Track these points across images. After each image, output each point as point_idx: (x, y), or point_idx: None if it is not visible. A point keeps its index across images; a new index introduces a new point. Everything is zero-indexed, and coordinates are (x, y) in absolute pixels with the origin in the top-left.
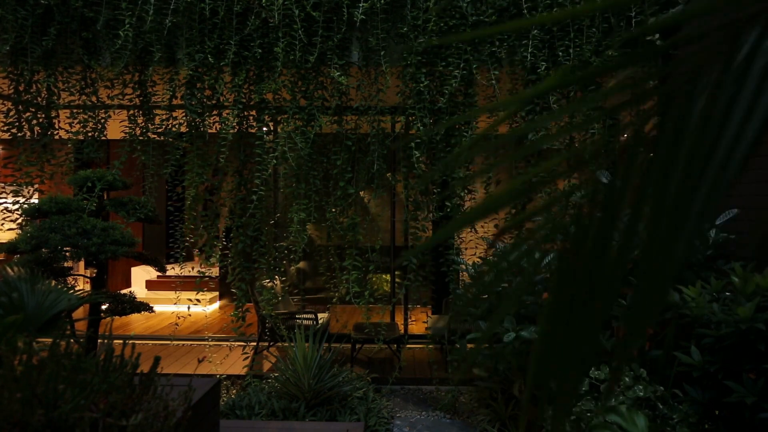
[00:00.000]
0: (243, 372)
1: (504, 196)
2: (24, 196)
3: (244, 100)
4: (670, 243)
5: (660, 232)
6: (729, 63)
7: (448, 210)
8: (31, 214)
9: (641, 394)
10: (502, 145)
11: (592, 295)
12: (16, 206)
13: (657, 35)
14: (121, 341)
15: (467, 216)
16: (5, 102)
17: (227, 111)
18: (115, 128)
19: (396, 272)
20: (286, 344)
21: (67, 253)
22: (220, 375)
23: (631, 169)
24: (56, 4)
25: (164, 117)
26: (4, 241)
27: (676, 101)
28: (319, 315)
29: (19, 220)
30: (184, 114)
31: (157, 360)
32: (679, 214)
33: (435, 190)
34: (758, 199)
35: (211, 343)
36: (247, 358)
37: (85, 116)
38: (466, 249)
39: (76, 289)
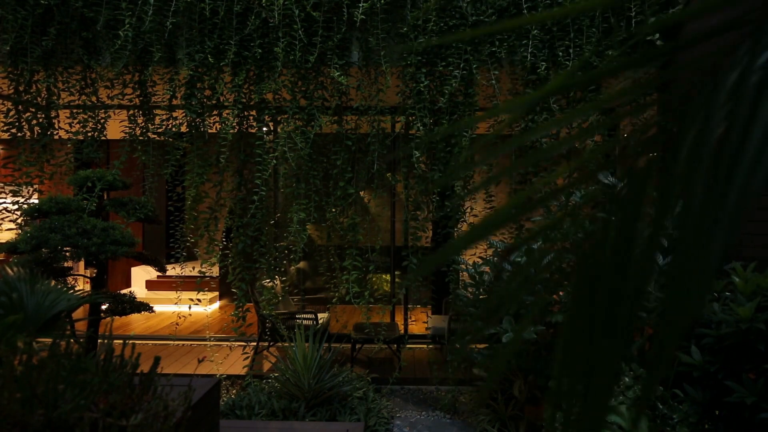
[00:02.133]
0: (243, 372)
1: (504, 213)
2: (23, 196)
3: (244, 100)
4: (704, 245)
5: (684, 253)
6: (753, 53)
7: (449, 210)
8: (31, 214)
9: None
10: (501, 144)
11: (612, 307)
12: (15, 206)
13: (657, 35)
14: (121, 341)
15: (468, 236)
16: (5, 102)
17: (227, 111)
18: (115, 128)
19: (396, 272)
20: (286, 344)
21: (67, 253)
22: (220, 375)
23: (648, 176)
24: (56, 4)
25: (164, 117)
26: (3, 241)
27: (693, 104)
28: (319, 315)
29: (19, 220)
30: (184, 114)
31: (157, 360)
32: (710, 218)
33: (435, 191)
34: (761, 199)
35: (212, 343)
36: (247, 358)
37: (85, 116)
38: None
39: (76, 289)
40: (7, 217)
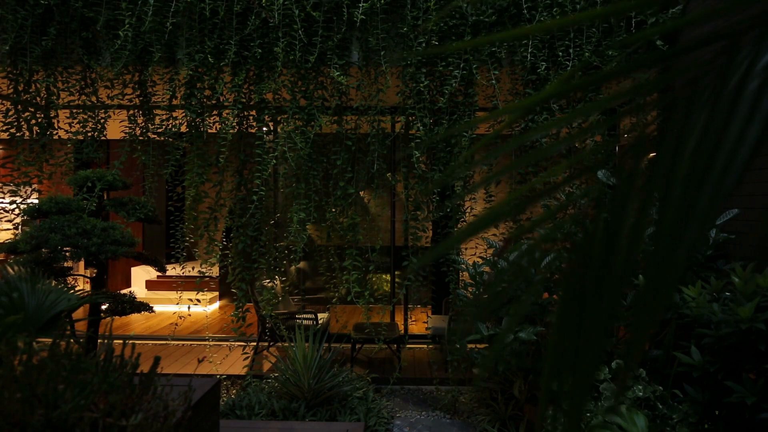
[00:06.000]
0: (243, 372)
1: (504, 207)
2: (21, 196)
3: (244, 100)
4: (674, 244)
5: (665, 233)
6: (729, 68)
7: (448, 210)
8: (31, 214)
9: (641, 394)
10: (501, 144)
11: (599, 294)
12: (13, 206)
13: (656, 36)
14: (121, 341)
15: (468, 229)
16: (4, 102)
17: (227, 111)
18: (115, 128)
19: (396, 272)
20: (286, 344)
21: (67, 253)
22: (220, 375)
23: (636, 174)
24: (56, 4)
25: (164, 117)
26: (2, 241)
27: (677, 108)
28: (319, 315)
29: (16, 220)
30: (184, 114)
31: (157, 360)
32: (683, 216)
33: (435, 191)
34: (760, 198)
35: (211, 343)
36: (247, 358)
37: (85, 116)
38: (466, 249)
39: (76, 289)
40: (5, 217)
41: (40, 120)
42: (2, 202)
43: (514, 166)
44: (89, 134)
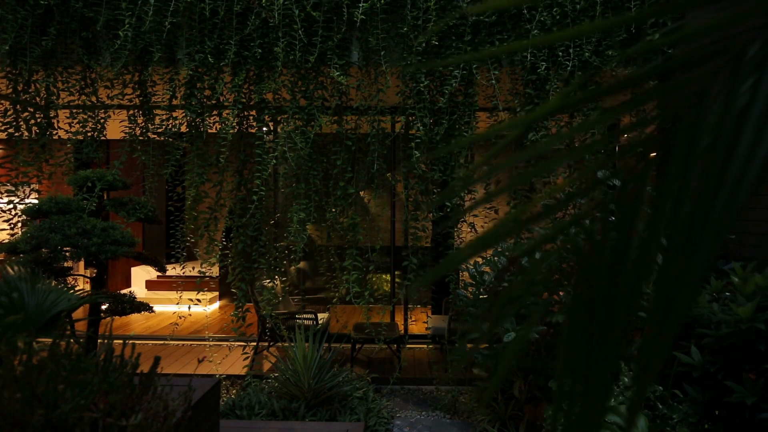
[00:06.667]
0: (243, 372)
1: (502, 228)
2: (18, 196)
3: (244, 100)
4: (687, 259)
5: (677, 247)
6: (735, 80)
7: (449, 210)
8: (31, 214)
9: None
10: (502, 158)
11: (610, 310)
12: (11, 206)
13: (657, 36)
14: (121, 341)
15: (471, 247)
16: (3, 102)
17: (227, 111)
18: (115, 128)
19: (396, 272)
20: (286, 344)
21: (67, 253)
22: (220, 375)
23: (641, 177)
24: (56, 4)
25: (164, 117)
26: (3, 241)
27: (683, 123)
28: (319, 315)
29: (14, 220)
30: (184, 114)
31: (157, 360)
32: (695, 231)
33: (435, 190)
34: (761, 199)
35: (211, 343)
36: (247, 358)
37: (85, 116)
38: None
39: (76, 289)
40: (2, 217)
41: (39, 120)
42: (1, 202)
43: (514, 183)
44: (89, 134)
